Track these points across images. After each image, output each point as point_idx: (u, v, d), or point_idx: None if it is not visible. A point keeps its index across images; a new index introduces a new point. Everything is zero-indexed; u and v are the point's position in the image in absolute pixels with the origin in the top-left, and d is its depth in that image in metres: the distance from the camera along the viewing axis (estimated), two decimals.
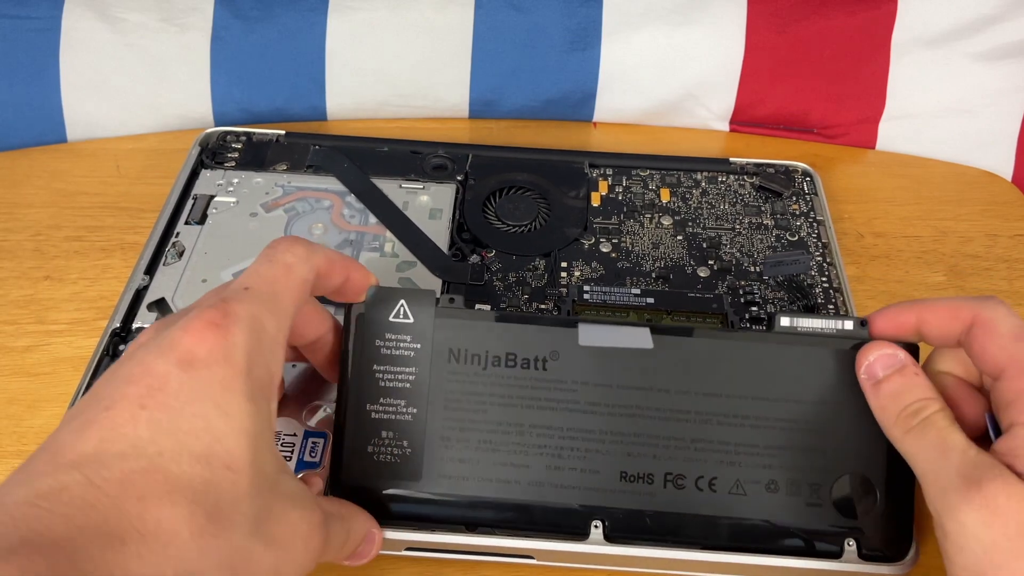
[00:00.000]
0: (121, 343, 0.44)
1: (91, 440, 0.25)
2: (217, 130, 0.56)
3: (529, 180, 0.53)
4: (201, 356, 0.27)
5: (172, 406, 0.26)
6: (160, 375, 0.26)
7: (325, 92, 0.60)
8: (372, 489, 0.35)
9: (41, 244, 0.51)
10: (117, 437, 0.25)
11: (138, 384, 0.26)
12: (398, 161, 0.54)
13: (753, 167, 0.55)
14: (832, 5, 0.59)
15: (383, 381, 0.36)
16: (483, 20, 0.59)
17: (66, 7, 0.57)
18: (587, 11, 0.59)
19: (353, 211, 0.51)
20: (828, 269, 0.49)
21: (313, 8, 0.59)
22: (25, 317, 0.47)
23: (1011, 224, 0.55)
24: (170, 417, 0.26)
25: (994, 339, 0.31)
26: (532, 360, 0.36)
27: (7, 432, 0.42)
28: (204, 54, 0.58)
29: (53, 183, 0.55)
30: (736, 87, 0.60)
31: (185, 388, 0.26)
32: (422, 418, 0.36)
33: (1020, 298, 0.51)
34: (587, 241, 0.50)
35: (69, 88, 0.58)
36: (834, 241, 0.50)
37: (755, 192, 0.54)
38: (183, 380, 0.26)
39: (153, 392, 0.26)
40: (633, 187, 0.54)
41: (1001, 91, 0.59)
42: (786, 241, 0.51)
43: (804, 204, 0.53)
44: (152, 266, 0.47)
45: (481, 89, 0.60)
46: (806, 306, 0.47)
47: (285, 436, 0.39)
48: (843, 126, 0.61)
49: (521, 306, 0.46)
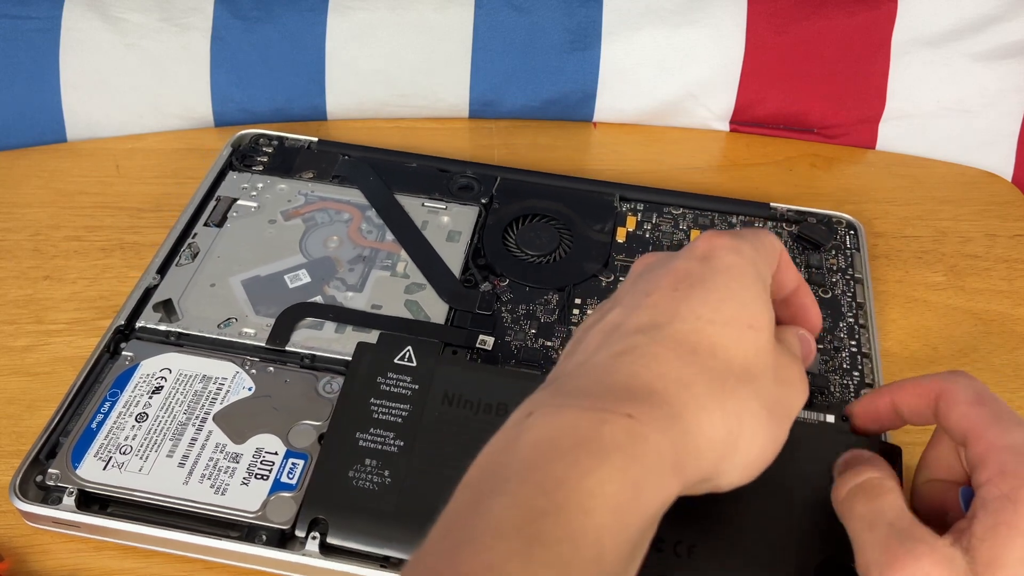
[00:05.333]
0: (123, 340, 0.44)
1: (643, 316, 0.30)
2: (250, 132, 0.56)
3: (554, 209, 0.51)
4: (716, 250, 0.31)
5: (698, 286, 0.30)
6: (684, 269, 0.31)
7: (325, 92, 0.60)
8: (348, 510, 0.36)
9: (40, 244, 0.51)
10: (662, 311, 0.30)
11: (668, 277, 0.31)
12: (425, 178, 0.53)
13: (794, 214, 0.52)
14: (832, 5, 0.59)
15: (377, 413, 0.38)
16: (483, 20, 0.59)
17: (66, 7, 0.57)
18: (587, 11, 0.59)
19: (371, 227, 0.50)
20: (859, 332, 0.46)
21: (313, 8, 0.59)
22: (24, 317, 0.47)
23: (1011, 224, 0.55)
24: (700, 293, 0.30)
25: (955, 407, 0.32)
26: None
27: (6, 431, 0.42)
28: (204, 54, 0.58)
29: (53, 183, 0.55)
30: (736, 87, 0.60)
31: (708, 273, 0.31)
32: (408, 450, 0.37)
33: (1020, 298, 0.51)
34: (606, 279, 0.48)
35: (69, 88, 0.58)
36: (871, 303, 0.47)
37: (792, 242, 0.51)
38: (704, 268, 0.31)
39: (681, 279, 0.31)
40: (663, 225, 0.51)
41: (1001, 91, 0.59)
42: (818, 298, 0.45)
43: (843, 259, 0.50)
44: (165, 265, 0.47)
45: (481, 89, 0.60)
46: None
47: (266, 453, 0.39)
48: (843, 126, 0.61)
49: (527, 341, 0.45)
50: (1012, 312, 0.50)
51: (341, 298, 0.46)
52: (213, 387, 0.41)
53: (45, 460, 0.39)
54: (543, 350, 0.45)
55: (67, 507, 0.37)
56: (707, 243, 0.32)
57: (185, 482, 0.38)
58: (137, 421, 0.40)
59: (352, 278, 0.47)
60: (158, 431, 0.39)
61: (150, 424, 0.40)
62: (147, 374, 0.42)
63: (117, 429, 0.39)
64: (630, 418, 0.26)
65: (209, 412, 0.40)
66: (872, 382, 0.44)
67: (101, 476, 0.38)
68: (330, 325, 0.44)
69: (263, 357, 0.43)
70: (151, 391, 0.41)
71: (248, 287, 0.46)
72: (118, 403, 0.40)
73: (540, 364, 0.44)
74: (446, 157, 0.54)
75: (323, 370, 0.42)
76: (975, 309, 0.50)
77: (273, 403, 0.41)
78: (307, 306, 0.45)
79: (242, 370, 0.42)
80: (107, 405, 0.40)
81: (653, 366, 0.28)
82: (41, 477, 0.38)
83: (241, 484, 0.38)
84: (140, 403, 0.40)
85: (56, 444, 0.40)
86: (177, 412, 0.40)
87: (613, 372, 0.29)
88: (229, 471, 0.38)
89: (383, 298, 0.46)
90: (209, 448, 0.39)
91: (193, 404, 0.41)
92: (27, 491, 0.38)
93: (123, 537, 0.38)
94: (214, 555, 0.37)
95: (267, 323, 0.44)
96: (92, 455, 0.38)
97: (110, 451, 0.39)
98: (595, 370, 0.29)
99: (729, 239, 0.32)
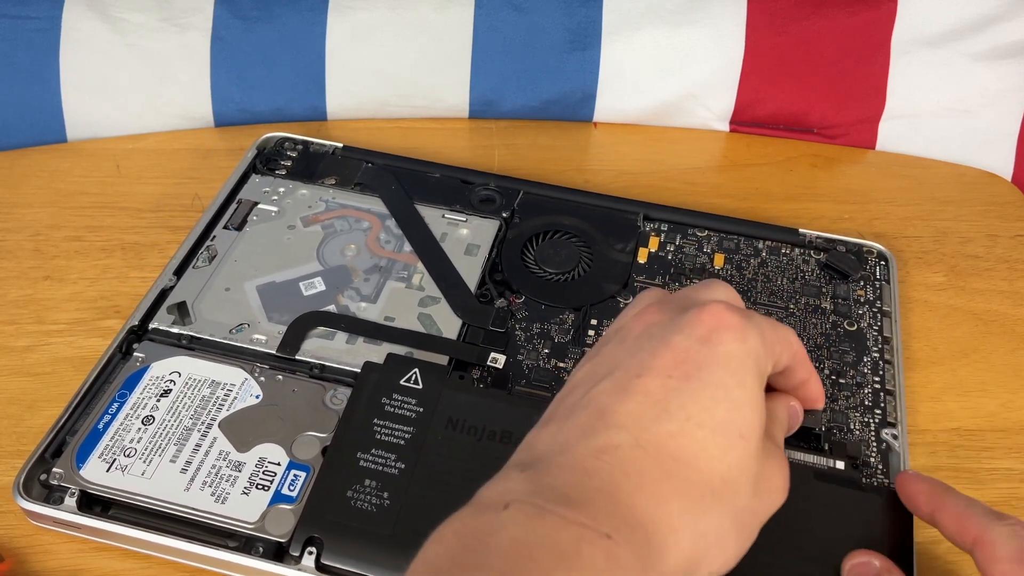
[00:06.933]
0: (136, 341, 0.44)
1: (630, 404, 0.29)
2: (276, 135, 0.56)
3: (576, 226, 0.50)
4: (720, 332, 0.30)
5: (693, 377, 0.29)
6: (682, 349, 0.30)
7: (325, 92, 0.60)
8: (344, 530, 0.36)
9: (41, 244, 0.51)
10: (652, 403, 0.29)
11: (663, 357, 0.30)
12: (448, 189, 0.52)
13: (823, 242, 0.50)
14: (832, 5, 0.59)
15: (380, 434, 0.38)
16: (483, 20, 0.59)
17: (66, 7, 0.57)
18: (587, 11, 0.59)
19: (390, 236, 0.49)
20: (884, 368, 0.44)
21: (313, 8, 0.59)
22: (25, 317, 0.47)
23: (1011, 224, 0.55)
24: (693, 386, 0.29)
25: (997, 564, 0.31)
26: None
27: (7, 432, 0.42)
28: (204, 54, 0.58)
29: (53, 183, 0.55)
30: (736, 87, 0.60)
31: (705, 361, 0.29)
32: (408, 473, 0.37)
33: (1021, 298, 0.51)
34: (624, 300, 0.47)
35: (69, 88, 0.58)
36: (898, 338, 0.46)
37: (819, 270, 0.49)
38: (703, 354, 0.29)
39: (677, 363, 0.29)
40: (686, 247, 0.50)
41: (1001, 91, 0.59)
42: (842, 330, 0.46)
43: (871, 291, 0.48)
44: (183, 267, 0.47)
45: (481, 89, 0.60)
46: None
47: (269, 463, 0.38)
48: (843, 126, 0.61)
49: (540, 360, 0.44)
50: (1012, 312, 0.50)
51: (354, 308, 0.45)
52: (221, 393, 0.41)
53: (51, 459, 0.39)
54: (555, 371, 0.43)
55: (68, 508, 0.37)
56: (712, 321, 0.30)
57: (186, 488, 0.38)
58: (143, 424, 0.40)
59: (367, 288, 0.47)
60: (163, 435, 0.39)
61: (156, 428, 0.40)
62: (157, 376, 0.42)
63: (123, 431, 0.39)
64: (608, 539, 0.26)
65: (215, 418, 0.40)
66: (895, 421, 0.42)
67: (104, 478, 0.38)
68: (341, 335, 0.44)
69: (273, 365, 0.43)
70: (159, 394, 0.41)
71: (263, 293, 0.46)
72: (126, 404, 0.40)
73: (551, 386, 0.42)
74: (471, 168, 0.54)
75: (332, 381, 0.42)
76: (976, 309, 0.50)
77: (279, 412, 0.40)
78: (319, 315, 0.45)
79: (251, 377, 0.42)
80: (115, 406, 0.40)
81: (633, 476, 0.27)
82: (45, 476, 0.38)
83: (242, 493, 0.37)
84: (148, 405, 0.40)
85: (63, 443, 0.39)
86: (184, 417, 0.40)
87: (594, 474, 0.28)
88: (231, 479, 0.38)
89: (396, 310, 0.45)
90: (212, 455, 0.39)
91: (200, 409, 0.40)
92: (31, 489, 0.38)
93: (122, 540, 0.37)
94: (209, 564, 0.37)
95: (279, 330, 0.44)
96: (96, 456, 0.38)
97: (115, 453, 0.39)
98: (576, 468, 0.28)
99: (738, 321, 0.30)
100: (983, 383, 0.46)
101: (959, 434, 0.44)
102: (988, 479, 0.42)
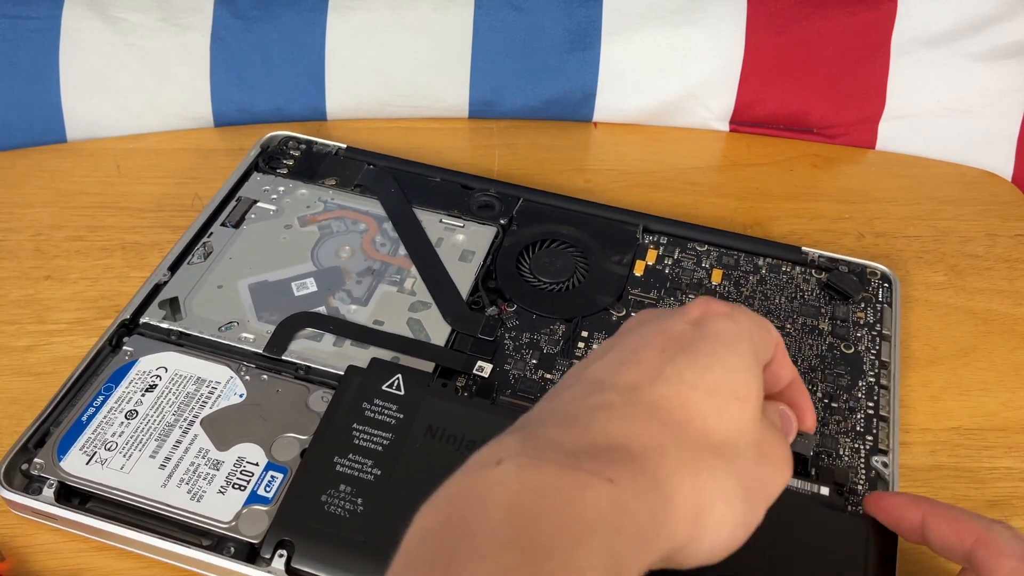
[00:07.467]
0: (127, 335, 0.44)
1: (626, 373, 0.29)
2: (280, 134, 0.56)
3: (573, 235, 0.50)
4: (711, 316, 0.31)
5: (688, 348, 0.29)
6: (676, 330, 0.30)
7: (325, 92, 0.60)
8: (316, 535, 0.35)
9: (41, 244, 0.51)
10: (646, 371, 0.29)
11: (658, 336, 0.30)
12: (447, 193, 0.52)
13: (826, 261, 0.49)
14: (832, 5, 0.59)
15: (358, 439, 0.38)
16: (483, 20, 0.59)
17: (66, 7, 0.57)
18: (587, 11, 0.59)
19: (385, 239, 0.49)
20: (879, 393, 0.43)
21: (313, 8, 0.59)
22: (26, 317, 0.47)
23: (1011, 224, 0.55)
24: (687, 356, 0.29)
25: (1003, 561, 0.31)
26: None
27: (8, 431, 0.42)
28: (204, 54, 0.58)
29: (53, 183, 0.55)
30: (736, 87, 0.60)
31: (698, 337, 0.30)
32: (384, 479, 0.37)
33: (1021, 298, 0.51)
34: (617, 313, 0.46)
35: (69, 88, 0.58)
36: (896, 363, 0.45)
37: (820, 290, 0.48)
38: (696, 332, 0.30)
39: (671, 340, 0.30)
40: (684, 261, 0.49)
41: (1001, 91, 0.59)
42: (839, 352, 0.45)
43: (872, 313, 0.47)
44: (178, 262, 0.47)
45: (481, 89, 0.60)
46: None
47: (247, 463, 0.38)
48: (843, 126, 0.61)
49: (527, 371, 0.43)
50: (1012, 312, 0.50)
51: (344, 310, 0.45)
52: (205, 390, 0.41)
53: (33, 449, 0.39)
54: (541, 382, 0.43)
55: (46, 499, 0.37)
56: (702, 308, 0.31)
57: (163, 485, 0.37)
58: (127, 418, 0.40)
59: (358, 291, 0.47)
60: (145, 430, 0.39)
61: (138, 422, 0.40)
62: (143, 371, 0.42)
63: (106, 424, 0.39)
64: (611, 483, 0.25)
65: (197, 415, 0.40)
66: (887, 448, 0.41)
67: (83, 471, 0.38)
68: (329, 337, 0.44)
69: (259, 364, 0.43)
70: (145, 389, 0.41)
71: (254, 292, 0.46)
72: (111, 398, 0.40)
73: (536, 397, 0.41)
74: (472, 173, 0.54)
75: (317, 383, 0.42)
76: (976, 309, 0.50)
77: (261, 412, 0.40)
78: (308, 316, 0.45)
79: (236, 375, 0.42)
80: (100, 399, 0.40)
81: (626, 426, 0.27)
82: (27, 466, 0.38)
83: (218, 492, 0.37)
84: (132, 400, 0.40)
85: (47, 433, 0.40)
86: (167, 412, 0.40)
87: (587, 426, 0.27)
88: (208, 478, 0.38)
89: (387, 314, 0.45)
90: (192, 452, 0.39)
91: (183, 406, 0.40)
92: (12, 479, 0.38)
93: (97, 535, 0.37)
94: (181, 562, 0.37)
95: (267, 330, 0.44)
96: (78, 448, 0.39)
97: (96, 446, 0.39)
98: (568, 422, 0.28)
99: (725, 307, 0.31)
100: (983, 382, 0.46)
101: (959, 433, 0.44)
102: (988, 478, 0.42)
